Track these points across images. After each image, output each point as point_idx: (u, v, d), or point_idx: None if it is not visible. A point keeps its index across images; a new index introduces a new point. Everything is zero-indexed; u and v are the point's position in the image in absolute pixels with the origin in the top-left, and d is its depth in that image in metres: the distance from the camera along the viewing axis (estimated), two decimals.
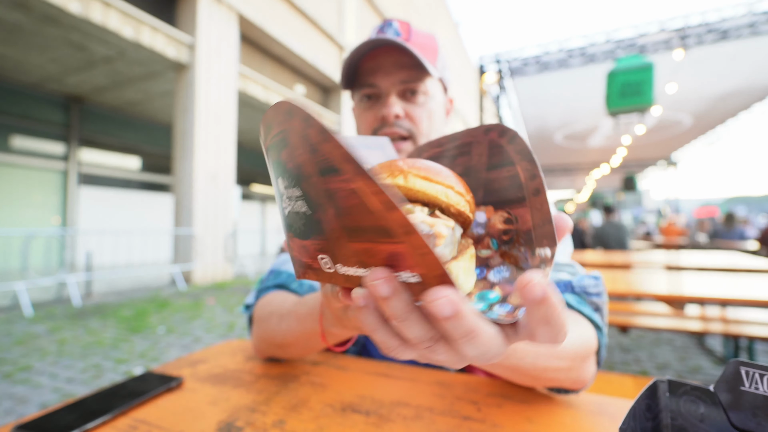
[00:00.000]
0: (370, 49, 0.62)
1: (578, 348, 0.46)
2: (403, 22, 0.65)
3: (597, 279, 0.56)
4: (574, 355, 0.45)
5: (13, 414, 2.00)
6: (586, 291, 0.54)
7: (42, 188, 7.75)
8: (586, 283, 0.55)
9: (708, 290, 1.69)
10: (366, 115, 0.66)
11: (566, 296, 0.54)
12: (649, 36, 5.69)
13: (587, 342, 0.48)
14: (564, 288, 0.56)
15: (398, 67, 0.62)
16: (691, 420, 0.28)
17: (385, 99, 0.64)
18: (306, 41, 9.03)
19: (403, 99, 0.64)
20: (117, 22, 5.41)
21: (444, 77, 0.69)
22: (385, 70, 0.63)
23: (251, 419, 0.46)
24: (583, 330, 0.48)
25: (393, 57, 0.62)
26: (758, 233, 6.37)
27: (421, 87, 0.63)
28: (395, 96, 0.63)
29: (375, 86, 0.64)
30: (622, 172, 16.75)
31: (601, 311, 0.54)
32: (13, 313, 4.18)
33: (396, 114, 0.62)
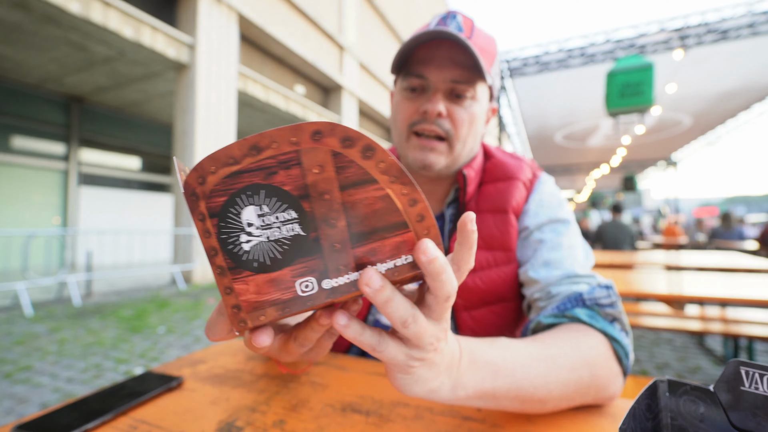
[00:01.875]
0: (430, 39, 0.58)
1: (576, 361, 0.43)
2: (467, 17, 0.62)
3: (609, 288, 0.54)
4: (571, 368, 0.42)
5: (13, 414, 2.00)
6: (597, 303, 0.53)
7: (42, 188, 7.75)
8: (597, 295, 0.53)
9: (707, 290, 1.69)
10: (406, 105, 0.63)
11: (576, 311, 0.52)
12: (649, 36, 5.69)
13: (593, 359, 0.45)
14: (574, 302, 0.54)
15: (453, 64, 0.59)
16: (691, 420, 0.28)
17: (432, 94, 0.61)
18: (306, 41, 9.03)
19: (449, 98, 0.61)
20: (117, 22, 5.41)
21: (494, 85, 0.66)
22: (439, 64, 0.59)
23: (251, 419, 0.46)
24: (587, 348, 0.46)
25: (450, 52, 0.59)
26: (757, 233, 6.37)
27: (471, 90, 0.60)
28: (442, 92, 0.61)
29: (424, 78, 0.61)
30: (622, 172, 16.76)
31: (619, 320, 0.52)
32: (13, 313, 4.18)
33: (439, 111, 0.60)
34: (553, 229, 0.64)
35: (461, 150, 0.64)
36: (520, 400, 0.39)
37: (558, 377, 0.41)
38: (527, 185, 0.68)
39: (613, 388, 0.47)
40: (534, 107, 8.71)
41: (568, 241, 0.63)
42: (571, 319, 0.52)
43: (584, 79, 6.83)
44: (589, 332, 0.49)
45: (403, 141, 0.65)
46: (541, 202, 0.67)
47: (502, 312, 0.65)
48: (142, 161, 9.62)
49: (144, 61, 6.40)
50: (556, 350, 0.43)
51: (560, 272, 0.58)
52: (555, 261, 0.60)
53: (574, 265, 0.60)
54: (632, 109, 5.29)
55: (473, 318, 0.64)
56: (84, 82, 7.29)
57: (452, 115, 0.61)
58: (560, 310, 0.54)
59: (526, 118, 9.53)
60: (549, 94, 7.83)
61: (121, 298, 5.21)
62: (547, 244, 0.62)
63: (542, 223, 0.64)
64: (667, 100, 7.79)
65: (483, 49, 0.61)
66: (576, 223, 0.68)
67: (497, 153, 0.74)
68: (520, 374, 0.38)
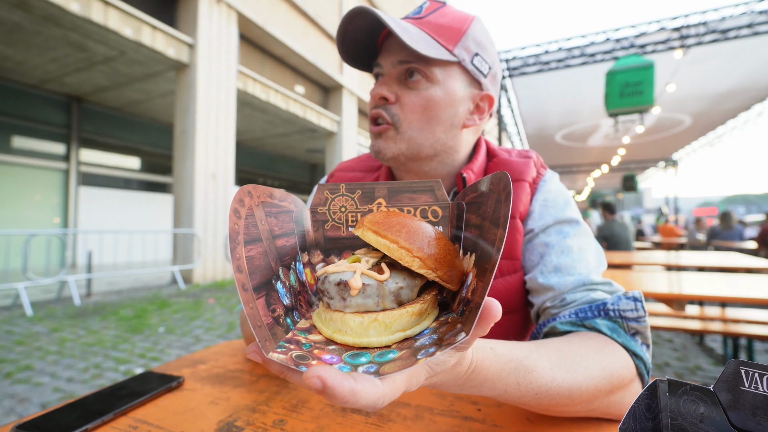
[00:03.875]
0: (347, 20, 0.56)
1: (600, 383, 0.42)
2: (436, 2, 0.61)
3: (637, 302, 0.50)
4: (588, 392, 0.42)
5: (14, 414, 2.00)
6: (623, 316, 0.49)
7: (42, 188, 7.75)
8: (623, 307, 0.50)
9: (707, 290, 1.69)
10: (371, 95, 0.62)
11: (598, 321, 0.49)
12: (649, 36, 5.69)
13: (612, 375, 0.44)
14: (596, 312, 0.50)
15: (399, 47, 0.57)
16: (691, 420, 0.28)
17: (381, 79, 0.60)
18: (306, 41, 9.02)
19: (403, 82, 0.58)
20: (117, 22, 5.41)
21: (471, 65, 0.59)
22: (388, 49, 0.58)
23: (251, 419, 0.46)
24: (608, 363, 0.44)
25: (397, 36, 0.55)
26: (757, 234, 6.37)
27: (424, 69, 0.56)
28: (394, 77, 0.59)
29: (379, 65, 0.60)
30: (622, 172, 16.76)
31: (642, 334, 0.49)
32: (13, 312, 4.18)
33: (381, 95, 0.57)
34: (559, 231, 0.60)
35: (416, 136, 0.59)
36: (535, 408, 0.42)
37: (576, 401, 0.42)
38: (532, 186, 0.64)
39: (626, 403, 0.46)
40: (534, 107, 8.71)
41: (578, 243, 0.59)
42: (590, 329, 0.50)
43: (584, 78, 6.82)
44: (614, 347, 0.47)
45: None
46: (545, 202, 0.62)
47: (506, 324, 0.61)
48: (142, 161, 9.62)
49: (144, 61, 6.40)
50: (582, 374, 0.42)
51: (573, 278, 0.55)
52: (566, 266, 0.56)
53: (588, 270, 0.56)
54: (632, 109, 5.28)
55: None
56: (84, 82, 7.29)
57: (401, 99, 0.58)
58: (579, 318, 0.51)
59: (526, 117, 9.52)
60: (549, 94, 7.82)
61: (121, 298, 5.21)
62: (555, 248, 0.58)
63: (547, 225, 0.60)
64: (667, 100, 7.79)
65: (441, 26, 0.57)
66: (585, 223, 0.64)
67: (501, 152, 0.69)
68: (532, 401, 0.40)
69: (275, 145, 12.38)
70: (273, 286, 0.34)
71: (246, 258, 0.32)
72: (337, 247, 0.43)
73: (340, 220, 0.44)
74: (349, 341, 0.31)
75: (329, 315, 0.32)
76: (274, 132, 10.70)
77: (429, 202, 0.43)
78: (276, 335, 0.30)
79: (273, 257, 0.36)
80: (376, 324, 0.31)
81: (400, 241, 0.32)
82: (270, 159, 13.60)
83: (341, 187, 0.44)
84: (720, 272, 3.05)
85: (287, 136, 11.11)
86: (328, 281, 0.33)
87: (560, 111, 8.87)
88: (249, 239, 0.33)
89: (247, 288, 0.30)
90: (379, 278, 0.32)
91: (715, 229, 6.76)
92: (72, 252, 8.16)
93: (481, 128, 0.67)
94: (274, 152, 13.40)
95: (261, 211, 0.37)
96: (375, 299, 0.32)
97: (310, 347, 0.30)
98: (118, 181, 9.12)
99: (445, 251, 0.34)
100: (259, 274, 0.33)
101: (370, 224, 0.34)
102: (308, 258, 0.42)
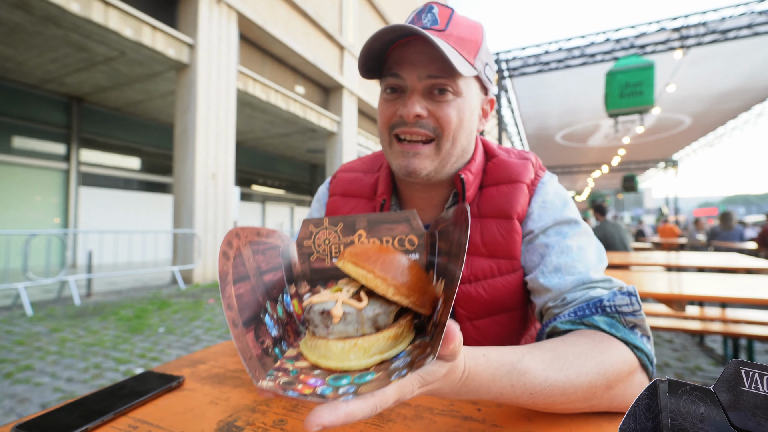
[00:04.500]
0: (395, 38, 0.55)
1: (594, 379, 0.43)
2: (444, 8, 0.58)
3: (632, 296, 0.52)
4: (582, 389, 0.43)
5: (14, 414, 2.00)
6: (619, 311, 0.51)
7: (42, 188, 7.76)
8: (619, 302, 0.51)
9: (707, 290, 1.69)
10: (386, 108, 0.60)
11: (596, 318, 0.51)
12: (649, 36, 5.69)
13: (607, 370, 0.45)
14: (593, 309, 0.52)
15: (428, 59, 0.55)
16: (691, 420, 0.28)
17: (408, 95, 0.57)
18: (306, 41, 9.03)
19: (429, 96, 0.57)
20: (117, 22, 5.41)
21: (484, 75, 0.61)
22: (412, 62, 0.56)
23: (251, 419, 0.46)
24: (603, 358, 0.45)
25: (423, 47, 0.55)
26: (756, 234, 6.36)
27: (452, 85, 0.56)
28: (420, 92, 0.57)
29: (400, 77, 0.57)
30: (622, 172, 16.75)
31: (641, 326, 0.51)
32: (13, 312, 4.18)
33: (417, 113, 0.56)
34: (558, 231, 0.60)
35: (450, 150, 0.59)
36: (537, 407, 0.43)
37: (572, 399, 0.43)
38: (530, 187, 0.64)
39: (631, 395, 0.47)
40: (534, 107, 8.71)
41: (577, 243, 0.59)
42: (589, 326, 0.51)
43: (584, 79, 6.83)
44: (611, 343, 0.48)
45: (386, 146, 0.62)
46: (544, 204, 0.63)
47: (505, 321, 0.62)
48: (142, 161, 9.63)
49: (144, 61, 6.40)
50: (575, 372, 0.43)
51: (573, 278, 0.56)
52: (566, 266, 0.57)
53: (587, 268, 0.57)
54: (632, 109, 5.27)
55: (476, 328, 0.62)
56: (84, 82, 7.30)
57: (435, 113, 0.57)
58: (578, 317, 0.52)
59: (526, 118, 9.52)
60: (549, 94, 7.83)
61: (121, 298, 5.21)
62: (554, 249, 0.58)
63: (547, 226, 0.61)
64: (667, 100, 7.79)
65: (462, 39, 0.57)
66: (585, 223, 0.64)
67: (500, 152, 0.69)
68: (528, 401, 0.42)
69: (275, 145, 12.39)
70: (261, 319, 0.38)
71: (235, 296, 0.35)
72: (323, 278, 0.47)
73: (325, 252, 0.47)
74: (332, 365, 0.34)
75: (314, 342, 0.36)
76: (274, 132, 10.70)
77: (406, 232, 0.47)
78: (265, 365, 0.34)
79: (261, 292, 0.39)
80: (356, 349, 0.34)
81: (375, 271, 0.36)
82: (270, 159, 13.60)
83: (324, 220, 0.48)
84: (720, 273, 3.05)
85: (287, 136, 11.12)
86: (313, 311, 0.36)
87: (560, 111, 8.87)
88: (237, 278, 0.37)
89: (237, 324, 0.33)
90: (358, 306, 0.35)
91: (715, 229, 6.74)
92: (72, 252, 8.16)
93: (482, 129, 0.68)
94: (274, 152, 13.41)
95: (248, 250, 0.40)
96: (355, 326, 0.35)
97: (297, 373, 0.33)
98: (118, 181, 9.12)
99: (417, 278, 0.37)
100: (248, 310, 0.36)
101: (350, 256, 0.38)
102: (295, 289, 0.46)
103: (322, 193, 0.81)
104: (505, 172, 0.65)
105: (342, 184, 0.77)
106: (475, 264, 0.61)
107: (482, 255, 0.62)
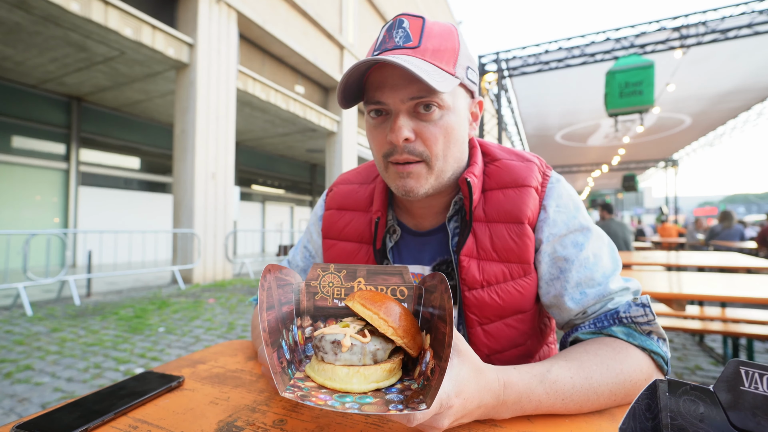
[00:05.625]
0: (370, 65, 0.55)
1: (614, 389, 0.48)
2: (415, 20, 0.56)
3: (646, 307, 0.54)
4: (610, 395, 0.48)
5: (14, 414, 2.00)
6: (634, 321, 0.54)
7: (42, 188, 7.76)
8: (633, 314, 0.54)
9: (707, 289, 1.69)
10: (376, 135, 0.59)
11: (614, 329, 0.55)
12: (649, 36, 5.69)
13: (626, 380, 0.49)
14: (610, 321, 0.55)
15: (407, 81, 0.54)
16: (691, 420, 0.28)
17: (394, 119, 0.56)
18: (306, 41, 9.02)
19: (415, 115, 0.56)
20: (117, 22, 5.41)
21: (467, 80, 0.60)
22: (393, 86, 0.55)
23: (251, 419, 0.46)
24: (623, 368, 0.50)
25: (400, 70, 0.54)
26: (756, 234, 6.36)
27: (437, 100, 0.55)
28: (405, 114, 0.56)
29: (382, 103, 0.56)
30: (622, 171, 16.75)
31: (656, 332, 0.54)
32: (13, 312, 4.19)
33: (406, 137, 0.55)
34: (574, 242, 0.60)
35: (443, 166, 0.59)
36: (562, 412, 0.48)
37: (594, 404, 0.48)
38: (539, 191, 0.63)
39: None
40: (534, 107, 8.71)
41: (593, 251, 0.60)
42: (607, 336, 0.55)
43: (584, 78, 6.82)
44: (629, 351, 0.52)
45: (383, 171, 0.62)
46: (558, 207, 0.62)
47: (516, 324, 0.63)
48: (142, 161, 9.62)
49: (144, 61, 6.40)
50: (598, 381, 0.48)
51: (594, 291, 0.58)
52: (586, 279, 0.59)
53: (605, 278, 0.59)
54: (632, 109, 5.26)
55: (486, 332, 0.62)
56: (84, 82, 7.29)
57: (421, 134, 0.56)
58: (597, 327, 0.56)
59: (526, 117, 9.52)
60: (549, 94, 7.82)
61: (121, 297, 5.21)
62: (574, 263, 0.59)
63: (561, 234, 0.60)
64: (667, 100, 7.79)
65: (438, 51, 0.55)
66: (596, 226, 0.64)
67: (501, 154, 0.68)
68: (561, 407, 0.46)
69: (275, 145, 12.38)
70: (280, 344, 0.45)
71: (267, 320, 0.43)
72: (323, 315, 0.54)
73: (328, 293, 0.54)
74: (337, 387, 0.42)
75: (321, 366, 0.43)
76: (274, 132, 10.70)
77: (398, 284, 0.54)
78: (284, 381, 0.41)
79: (281, 321, 0.47)
80: (358, 375, 0.42)
81: (380, 314, 0.44)
82: (270, 159, 13.60)
83: (330, 266, 0.55)
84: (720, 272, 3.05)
85: (287, 136, 11.11)
86: (325, 339, 0.44)
87: (560, 111, 8.86)
88: (268, 306, 0.44)
89: (268, 343, 0.41)
90: (363, 341, 0.43)
91: (715, 228, 6.73)
92: (72, 252, 8.16)
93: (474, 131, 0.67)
94: (274, 152, 13.41)
95: (275, 284, 0.48)
96: (358, 356, 0.43)
97: (308, 390, 0.41)
98: (118, 181, 9.12)
99: (410, 324, 0.46)
100: (274, 334, 0.44)
101: (360, 298, 0.46)
102: (300, 322, 0.53)
103: (319, 206, 0.81)
104: (511, 176, 0.64)
105: (338, 198, 0.77)
106: (487, 269, 0.61)
107: (494, 260, 0.61)
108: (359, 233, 0.71)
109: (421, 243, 0.68)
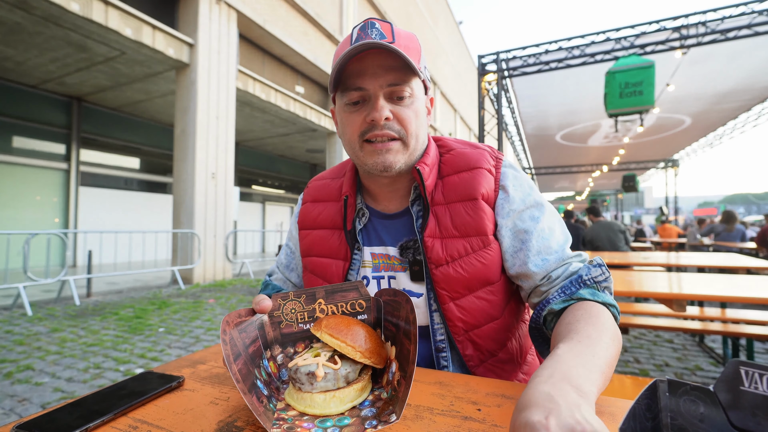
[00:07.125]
0: (362, 50, 0.62)
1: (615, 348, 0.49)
2: (385, 22, 0.64)
3: (601, 266, 0.63)
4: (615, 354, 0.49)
5: (14, 414, 2.00)
6: (596, 281, 0.62)
7: (42, 188, 7.76)
8: (594, 274, 0.62)
9: (707, 290, 1.69)
10: (353, 118, 0.66)
11: (581, 292, 0.60)
12: (649, 36, 5.69)
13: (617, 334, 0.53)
14: (577, 284, 0.62)
15: (386, 70, 0.63)
16: (691, 420, 0.28)
17: (374, 102, 0.64)
18: (306, 41, 9.03)
19: (390, 101, 0.65)
20: (117, 22, 5.41)
21: (425, 76, 0.70)
22: (372, 72, 0.63)
23: (251, 419, 0.46)
24: (610, 325, 0.53)
25: (379, 59, 0.63)
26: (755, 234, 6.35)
27: (407, 88, 0.64)
28: (383, 98, 0.64)
29: (363, 89, 0.64)
30: (622, 171, 16.74)
31: (608, 287, 0.63)
32: (13, 312, 4.19)
33: (386, 117, 0.63)
34: (531, 216, 0.68)
35: (415, 144, 0.68)
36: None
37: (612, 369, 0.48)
38: (493, 172, 0.70)
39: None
40: (534, 107, 8.70)
41: (548, 224, 0.68)
42: (577, 300, 0.61)
43: (584, 78, 6.82)
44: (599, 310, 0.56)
45: (357, 151, 0.68)
46: (514, 188, 0.70)
47: (486, 296, 0.67)
48: (142, 161, 9.62)
49: (144, 61, 6.40)
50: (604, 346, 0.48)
51: (553, 257, 0.66)
52: (545, 248, 0.66)
53: (560, 246, 0.67)
54: (632, 109, 5.25)
55: (459, 307, 0.66)
56: (84, 82, 7.29)
57: (398, 115, 0.65)
58: (567, 294, 0.61)
59: (526, 117, 9.51)
60: (549, 94, 7.82)
61: (121, 298, 5.21)
62: (533, 234, 0.66)
63: (519, 210, 0.68)
64: (667, 100, 7.78)
65: (408, 48, 0.63)
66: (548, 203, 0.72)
67: (455, 144, 0.76)
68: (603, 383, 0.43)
69: (275, 145, 12.38)
70: (256, 384, 0.47)
71: (238, 371, 0.45)
72: (292, 340, 0.58)
73: (292, 320, 0.58)
74: (317, 412, 0.46)
75: (300, 395, 0.47)
76: (274, 132, 10.70)
77: (356, 298, 0.59)
78: (269, 418, 0.44)
79: (250, 363, 0.49)
80: (334, 399, 0.46)
81: (347, 341, 0.49)
82: (270, 159, 13.60)
83: (290, 294, 0.58)
84: (720, 272, 3.05)
85: (287, 136, 11.12)
86: (300, 372, 0.48)
87: (560, 111, 8.86)
88: (236, 356, 0.46)
89: (245, 392, 0.43)
90: (334, 368, 0.48)
91: (715, 227, 6.69)
92: (72, 252, 8.16)
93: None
94: (274, 152, 13.41)
95: (236, 332, 0.50)
96: (332, 382, 0.47)
97: (292, 420, 0.45)
98: (118, 181, 9.12)
99: (375, 343, 0.51)
100: (248, 380, 0.46)
101: (326, 328, 0.50)
102: (270, 353, 0.56)
103: (297, 205, 0.88)
104: (464, 161, 0.72)
105: (312, 192, 0.84)
106: (450, 245, 0.67)
107: (455, 237, 0.67)
108: (331, 219, 0.77)
109: (389, 225, 0.74)
